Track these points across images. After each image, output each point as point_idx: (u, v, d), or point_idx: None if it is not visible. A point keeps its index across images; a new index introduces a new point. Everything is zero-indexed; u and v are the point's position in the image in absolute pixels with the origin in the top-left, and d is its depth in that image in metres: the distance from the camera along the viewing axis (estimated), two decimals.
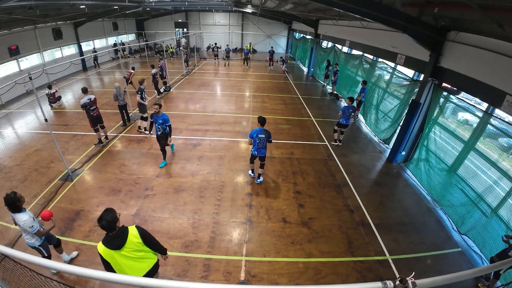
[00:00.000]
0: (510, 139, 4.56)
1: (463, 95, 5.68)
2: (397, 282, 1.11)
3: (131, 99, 9.93)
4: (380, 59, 9.23)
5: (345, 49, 13.01)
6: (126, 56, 22.73)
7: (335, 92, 13.11)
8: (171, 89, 13.54)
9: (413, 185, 6.50)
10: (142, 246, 2.81)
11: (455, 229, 5.16)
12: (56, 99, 10.49)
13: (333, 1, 5.12)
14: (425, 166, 6.31)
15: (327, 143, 8.34)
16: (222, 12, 27.34)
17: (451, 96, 5.76)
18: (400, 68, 8.10)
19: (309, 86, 15.60)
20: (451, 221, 5.33)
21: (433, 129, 6.15)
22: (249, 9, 19.86)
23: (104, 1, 13.94)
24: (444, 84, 5.96)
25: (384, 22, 5.36)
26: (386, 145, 8.22)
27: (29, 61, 13.94)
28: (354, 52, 11.99)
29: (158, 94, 12.23)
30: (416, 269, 3.92)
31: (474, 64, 4.99)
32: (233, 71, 18.49)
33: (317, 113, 10.89)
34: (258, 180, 6.25)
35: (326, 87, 14.62)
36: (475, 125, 5.11)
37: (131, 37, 26.57)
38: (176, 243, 4.57)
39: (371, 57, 9.97)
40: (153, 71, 11.68)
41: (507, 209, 4.29)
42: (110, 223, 2.58)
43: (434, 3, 5.24)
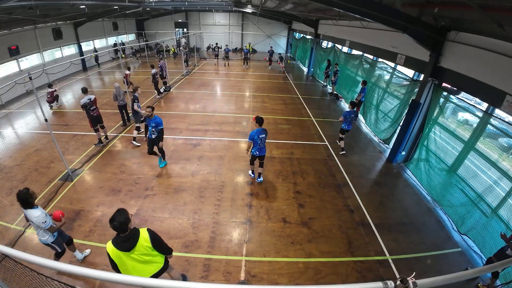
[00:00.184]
0: (510, 139, 4.56)
1: (463, 95, 5.68)
2: (398, 282, 1.11)
3: (131, 99, 9.90)
4: (380, 59, 9.23)
5: (345, 49, 13.00)
6: (128, 56, 22.72)
7: (335, 92, 13.12)
8: (171, 89, 13.54)
9: (413, 185, 6.50)
10: (151, 250, 2.78)
11: (455, 229, 5.16)
12: (54, 98, 10.40)
13: (333, 1, 5.12)
14: (425, 166, 6.31)
15: (327, 143, 8.34)
16: (222, 12, 27.35)
17: (451, 96, 5.76)
18: (400, 68, 8.10)
19: (309, 86, 15.60)
20: (451, 221, 5.33)
21: (433, 129, 6.15)
22: (249, 9, 19.86)
23: (104, 1, 13.93)
24: (444, 84, 5.96)
25: (384, 22, 5.36)
26: (386, 145, 8.23)
27: (29, 61, 13.93)
28: (354, 52, 11.99)
29: (158, 94, 12.23)
30: (416, 269, 3.93)
31: (474, 64, 4.99)
32: (233, 71, 18.49)
33: (317, 113, 10.89)
34: (259, 179, 6.26)
35: (327, 87, 14.63)
36: (475, 125, 5.11)
37: (131, 37, 26.58)
38: (176, 243, 4.57)
39: (371, 57, 9.97)
40: (153, 71, 11.68)
41: (507, 209, 4.29)
42: (122, 224, 2.55)
43: (434, 3, 5.24)
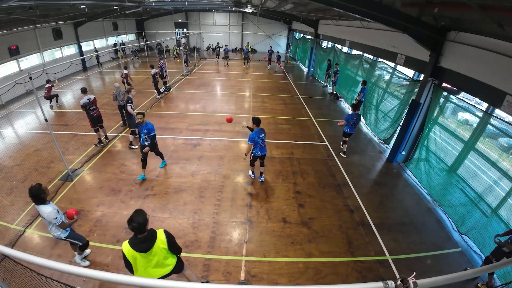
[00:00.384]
0: (510, 139, 4.56)
1: (463, 95, 5.67)
2: (398, 282, 1.11)
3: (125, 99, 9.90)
4: (380, 59, 9.23)
5: (345, 49, 13.00)
6: (129, 56, 22.68)
7: (335, 92, 13.12)
8: (171, 89, 13.54)
9: (413, 185, 6.50)
10: (166, 252, 2.79)
11: (455, 229, 5.16)
12: (51, 96, 10.34)
13: (333, 1, 5.12)
14: (425, 166, 6.31)
15: (327, 143, 8.34)
16: (222, 12, 27.34)
17: (451, 96, 5.76)
18: (400, 68, 8.10)
19: (309, 86, 15.60)
20: (451, 221, 5.33)
21: (433, 129, 6.15)
22: (249, 9, 19.86)
23: (104, 1, 13.93)
24: (444, 84, 5.96)
25: (384, 22, 5.36)
26: (386, 145, 8.23)
27: (29, 61, 13.93)
28: (354, 52, 11.98)
29: (158, 94, 12.23)
30: (416, 269, 3.93)
31: (474, 64, 4.99)
32: (233, 71, 18.49)
33: (317, 113, 10.89)
34: (261, 178, 6.27)
35: (327, 87, 14.62)
36: (475, 125, 5.11)
37: (131, 37, 26.59)
38: None
39: (371, 57, 9.97)
40: (153, 71, 11.67)
41: (507, 209, 4.29)
42: (140, 225, 2.54)
43: (434, 3, 5.24)
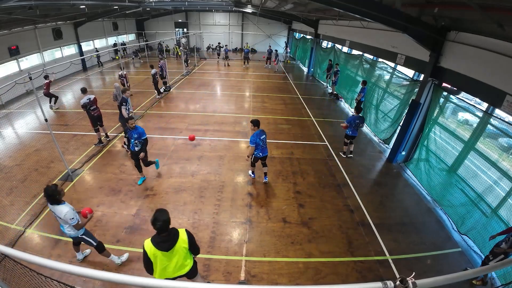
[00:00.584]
0: (510, 139, 4.56)
1: (463, 95, 5.67)
2: (398, 282, 1.11)
3: (131, 99, 9.91)
4: (380, 59, 9.23)
5: (345, 49, 13.00)
6: (129, 56, 22.65)
7: (335, 92, 13.12)
8: (171, 89, 13.54)
9: (413, 185, 6.50)
10: (186, 251, 2.80)
11: (455, 229, 5.16)
12: (51, 94, 10.33)
13: (333, 1, 5.12)
14: (425, 166, 6.31)
15: (327, 143, 8.34)
16: (222, 12, 27.34)
17: (451, 96, 5.75)
18: (400, 68, 8.10)
19: (309, 86, 15.60)
20: (451, 221, 5.33)
21: (433, 129, 6.15)
22: (249, 9, 19.86)
23: (104, 1, 13.93)
24: (444, 84, 5.96)
25: (384, 22, 5.36)
26: (386, 145, 8.23)
27: (29, 61, 13.94)
28: (354, 52, 11.98)
29: (158, 94, 12.23)
30: (416, 269, 3.92)
31: (474, 64, 4.99)
32: (233, 71, 18.49)
33: (317, 113, 10.89)
34: (266, 179, 6.23)
35: (327, 87, 14.62)
36: (475, 125, 5.11)
37: (131, 37, 26.58)
38: None
39: (371, 57, 9.97)
40: (152, 71, 11.67)
41: (507, 209, 4.29)
42: (165, 224, 2.57)
43: (434, 3, 5.24)
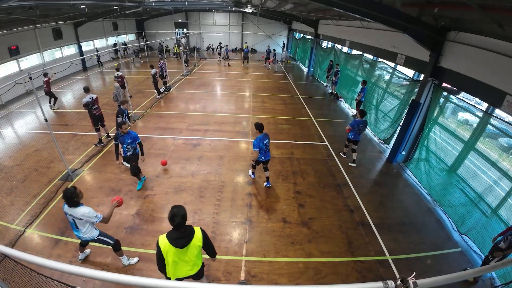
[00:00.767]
0: (510, 139, 4.56)
1: (463, 95, 5.67)
2: (398, 282, 1.11)
3: (131, 99, 9.94)
4: (380, 59, 9.23)
5: (345, 49, 13.00)
6: (130, 56, 22.63)
7: (335, 92, 13.12)
8: (171, 89, 13.54)
9: (413, 185, 6.50)
10: (199, 250, 2.80)
11: (455, 229, 5.16)
12: (51, 94, 10.33)
13: (333, 1, 5.12)
14: (425, 166, 6.31)
15: (327, 143, 8.34)
16: (222, 12, 27.35)
17: (451, 96, 5.76)
18: (400, 68, 8.10)
19: (309, 86, 15.60)
20: (451, 221, 5.33)
21: (433, 129, 6.15)
22: (249, 9, 19.86)
23: (104, 1, 13.93)
24: (444, 84, 5.96)
25: (384, 22, 5.36)
26: (386, 145, 8.23)
27: (29, 61, 13.93)
28: (354, 52, 11.99)
29: (158, 94, 12.23)
30: (416, 269, 3.92)
31: (474, 64, 4.99)
32: (233, 71, 18.49)
33: (317, 113, 10.89)
34: (268, 184, 6.06)
35: (327, 87, 14.61)
36: (475, 125, 5.11)
37: (131, 37, 26.58)
38: None
39: (371, 57, 9.97)
40: (152, 71, 11.67)
41: (507, 209, 4.29)
42: (183, 219, 2.56)
43: (434, 3, 5.24)
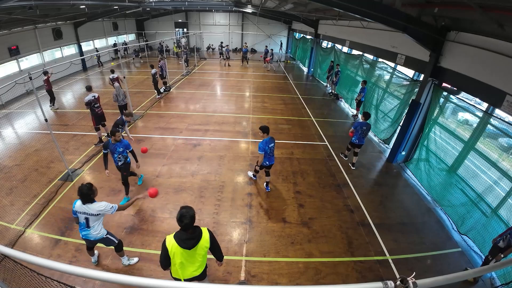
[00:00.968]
0: (510, 139, 4.56)
1: (463, 95, 5.67)
2: (398, 282, 1.11)
3: (131, 99, 9.94)
4: (380, 59, 9.23)
5: (345, 49, 13.00)
6: (132, 57, 22.62)
7: (335, 92, 13.12)
8: (171, 89, 13.54)
9: (413, 185, 6.50)
10: (206, 251, 2.77)
11: (455, 229, 5.16)
12: (52, 93, 10.36)
13: (333, 1, 5.12)
14: (425, 166, 6.31)
15: (327, 143, 8.34)
16: (222, 12, 27.34)
17: (451, 96, 5.76)
18: (400, 68, 8.10)
19: (309, 86, 15.60)
20: (451, 221, 5.33)
21: (433, 129, 6.15)
22: (249, 9, 19.87)
23: (104, 1, 13.93)
24: (444, 84, 5.96)
25: (384, 22, 5.36)
26: (386, 145, 8.23)
27: (29, 61, 13.93)
28: (354, 52, 11.98)
29: (158, 94, 12.23)
30: (416, 269, 3.92)
31: (474, 64, 4.99)
32: (233, 71, 18.49)
33: (317, 113, 10.89)
34: (268, 188, 6.01)
35: (327, 87, 14.61)
36: (475, 125, 5.11)
37: (131, 37, 26.58)
38: None
39: (371, 57, 9.97)
40: (152, 71, 11.66)
41: (507, 209, 4.29)
42: (192, 219, 2.53)
43: (434, 3, 5.24)
